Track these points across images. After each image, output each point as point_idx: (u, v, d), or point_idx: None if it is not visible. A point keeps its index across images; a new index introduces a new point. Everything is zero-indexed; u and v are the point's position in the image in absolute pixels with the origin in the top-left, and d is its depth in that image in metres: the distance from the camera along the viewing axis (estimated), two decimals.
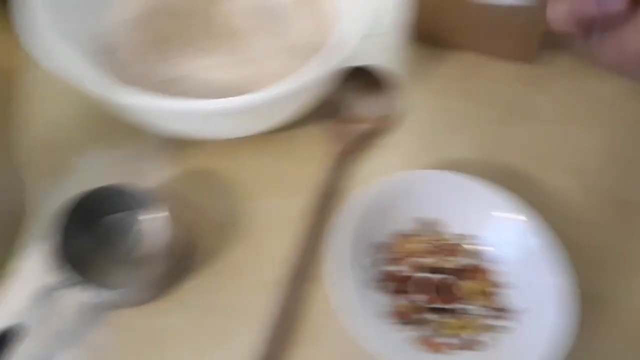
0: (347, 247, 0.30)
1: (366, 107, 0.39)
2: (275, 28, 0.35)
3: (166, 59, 0.34)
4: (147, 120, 0.33)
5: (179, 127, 0.33)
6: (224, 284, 0.32)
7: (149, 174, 0.35)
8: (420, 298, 0.31)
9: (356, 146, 0.37)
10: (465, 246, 0.32)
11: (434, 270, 0.32)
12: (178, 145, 0.36)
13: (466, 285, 0.31)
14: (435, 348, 0.29)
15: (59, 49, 0.30)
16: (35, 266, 0.31)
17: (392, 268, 0.31)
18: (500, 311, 0.30)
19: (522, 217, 0.31)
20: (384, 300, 0.30)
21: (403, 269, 0.32)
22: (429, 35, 0.43)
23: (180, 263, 0.31)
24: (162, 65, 0.34)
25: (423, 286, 0.31)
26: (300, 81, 0.29)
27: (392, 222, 0.33)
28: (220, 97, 0.33)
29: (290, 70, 0.35)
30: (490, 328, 0.30)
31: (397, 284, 0.31)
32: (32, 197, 0.34)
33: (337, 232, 0.30)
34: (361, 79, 0.40)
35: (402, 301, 0.30)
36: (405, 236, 0.33)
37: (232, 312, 0.31)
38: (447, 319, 0.30)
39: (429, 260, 0.32)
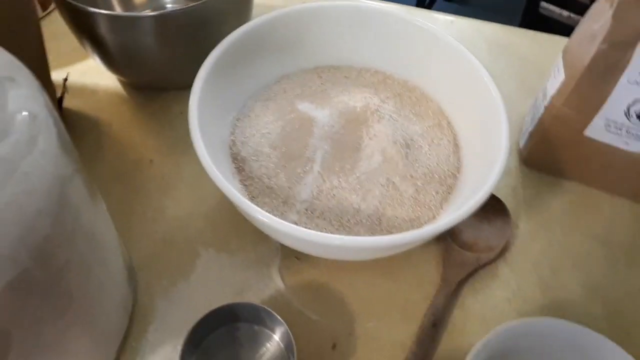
0: None
1: (479, 233, 0.39)
2: (405, 155, 0.36)
3: (296, 176, 0.36)
4: (276, 237, 0.34)
5: (306, 249, 0.34)
6: None
7: (266, 282, 0.36)
8: None
9: (466, 275, 0.37)
10: None
11: None
12: (297, 254, 0.38)
13: None
14: None
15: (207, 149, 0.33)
16: None
17: None
18: None
19: None
20: None
21: None
22: (541, 162, 0.43)
23: None
24: (292, 181, 0.36)
25: None
26: (449, 221, 0.30)
27: None
28: (351, 220, 0.35)
29: (419, 197, 0.36)
30: None
31: None
32: (146, 298, 0.36)
33: None
34: None
35: None
36: None
37: None
38: None
39: None
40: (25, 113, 0.22)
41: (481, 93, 0.38)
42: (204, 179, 0.42)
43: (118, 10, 0.49)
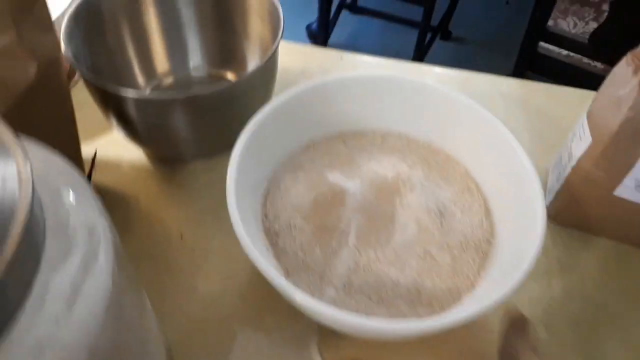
0: None
1: None
2: (440, 223, 0.37)
3: (331, 249, 0.36)
4: (316, 318, 0.34)
5: (346, 330, 0.34)
6: None
7: None
8: None
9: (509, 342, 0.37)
10: None
11: None
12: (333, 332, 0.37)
13: None
14: None
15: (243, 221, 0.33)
16: None
17: None
18: None
19: None
20: None
21: None
22: (570, 220, 0.43)
23: None
24: (327, 255, 0.36)
25: None
26: (496, 300, 0.29)
27: None
28: (390, 294, 0.35)
29: (456, 267, 0.36)
30: None
31: None
32: None
33: None
34: None
35: None
36: None
37: None
38: None
39: None
40: (84, 226, 0.22)
41: (507, 156, 0.39)
42: (234, 251, 0.42)
43: (140, 80, 0.50)
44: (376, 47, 1.77)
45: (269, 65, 0.40)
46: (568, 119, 0.52)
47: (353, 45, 1.77)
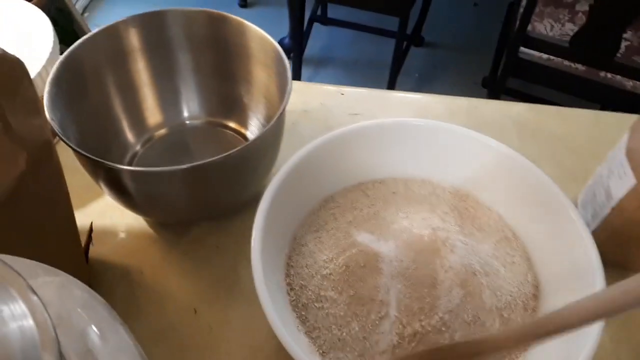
0: None
1: None
2: (487, 285, 0.34)
3: (370, 323, 0.33)
4: None
5: None
6: None
7: None
8: None
9: None
10: None
11: None
12: None
13: None
14: None
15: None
16: None
17: None
18: None
19: None
20: None
21: None
22: (609, 258, 0.41)
23: None
24: (366, 330, 0.33)
25: None
26: None
27: None
28: None
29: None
30: None
31: None
32: None
33: None
34: None
35: None
36: None
37: None
38: None
39: None
40: None
41: (539, 193, 0.37)
42: (256, 322, 0.38)
43: (130, 136, 0.45)
44: (350, 58, 1.74)
45: (279, 123, 0.36)
46: (583, 143, 0.50)
47: (327, 57, 1.74)
